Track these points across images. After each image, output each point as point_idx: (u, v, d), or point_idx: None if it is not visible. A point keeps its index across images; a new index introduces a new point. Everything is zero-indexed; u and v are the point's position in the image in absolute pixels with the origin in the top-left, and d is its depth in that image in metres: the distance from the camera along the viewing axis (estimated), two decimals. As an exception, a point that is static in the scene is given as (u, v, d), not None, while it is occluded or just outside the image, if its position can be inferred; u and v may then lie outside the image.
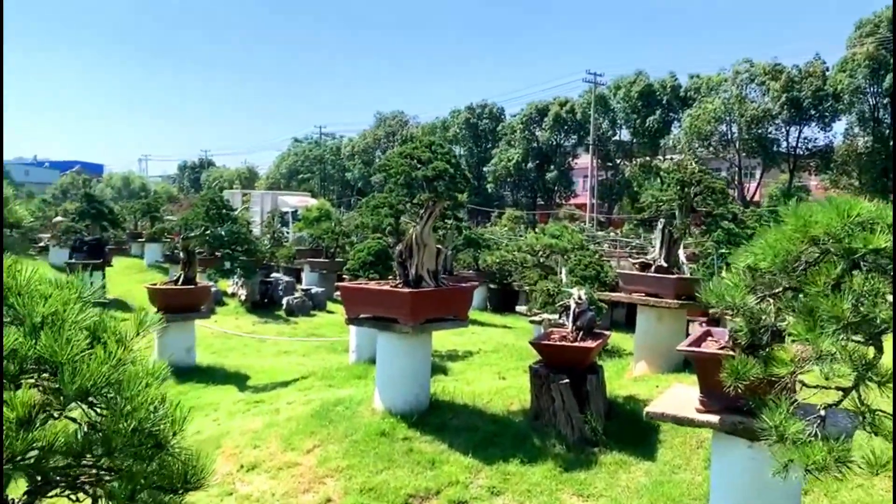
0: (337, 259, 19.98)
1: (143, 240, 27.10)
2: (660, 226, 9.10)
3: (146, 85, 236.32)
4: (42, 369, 1.92)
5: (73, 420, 2.04)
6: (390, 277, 8.10)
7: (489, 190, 57.19)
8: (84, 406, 2.02)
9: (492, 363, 11.41)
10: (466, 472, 6.05)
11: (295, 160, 72.28)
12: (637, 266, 9.42)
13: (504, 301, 19.93)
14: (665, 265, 9.06)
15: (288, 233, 28.14)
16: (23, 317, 1.92)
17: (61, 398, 1.86)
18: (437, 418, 6.99)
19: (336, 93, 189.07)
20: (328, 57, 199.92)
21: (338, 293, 9.14)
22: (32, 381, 1.94)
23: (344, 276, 11.10)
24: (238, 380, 10.72)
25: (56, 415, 1.90)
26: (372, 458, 6.36)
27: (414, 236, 6.88)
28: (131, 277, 21.62)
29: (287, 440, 7.00)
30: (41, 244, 25.62)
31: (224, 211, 11.29)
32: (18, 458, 1.73)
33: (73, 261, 17.14)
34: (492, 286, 20.25)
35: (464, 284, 9.00)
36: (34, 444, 1.76)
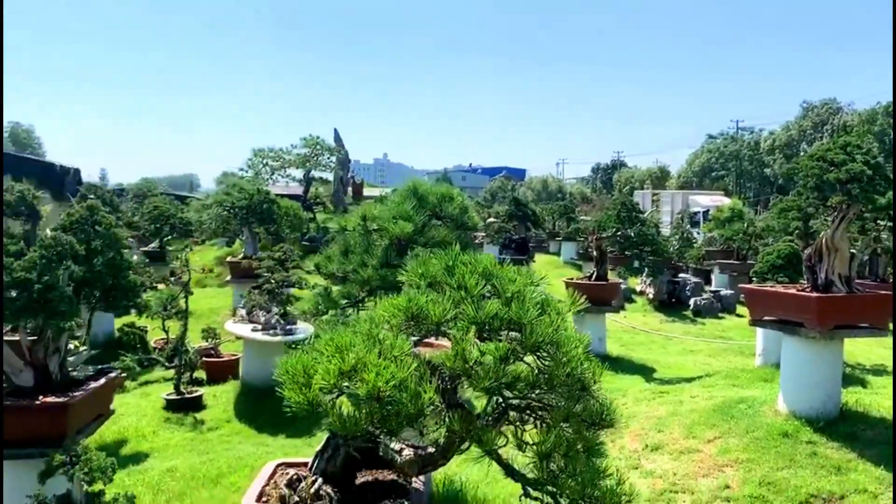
0: (748, 261, 19.39)
1: (560, 238, 29.67)
2: None
3: (561, 92, 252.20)
4: (510, 328, 2.90)
5: (529, 365, 2.99)
6: (800, 282, 7.98)
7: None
8: (534, 356, 2.95)
9: (927, 382, 10.14)
10: (877, 482, 5.83)
11: (708, 157, 70.29)
12: None
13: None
14: None
15: (698, 233, 27.94)
16: (500, 293, 2.93)
17: (522, 347, 2.80)
18: (847, 427, 6.76)
19: (755, 84, 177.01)
20: (747, 45, 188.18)
21: (743, 295, 9.23)
22: (504, 335, 2.94)
23: (752, 279, 11.01)
24: (644, 371, 11.46)
25: (520, 357, 2.85)
26: (772, 455, 6.49)
27: (824, 240, 6.76)
28: (550, 272, 23.98)
29: (689, 428, 7.49)
30: (477, 241, 29.95)
31: (634, 213, 12.12)
32: (501, 382, 2.71)
33: (502, 256, 19.92)
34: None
35: (881, 291, 8.31)
36: (508, 373, 2.72)
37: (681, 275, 20.88)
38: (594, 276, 12.28)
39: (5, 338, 5.07)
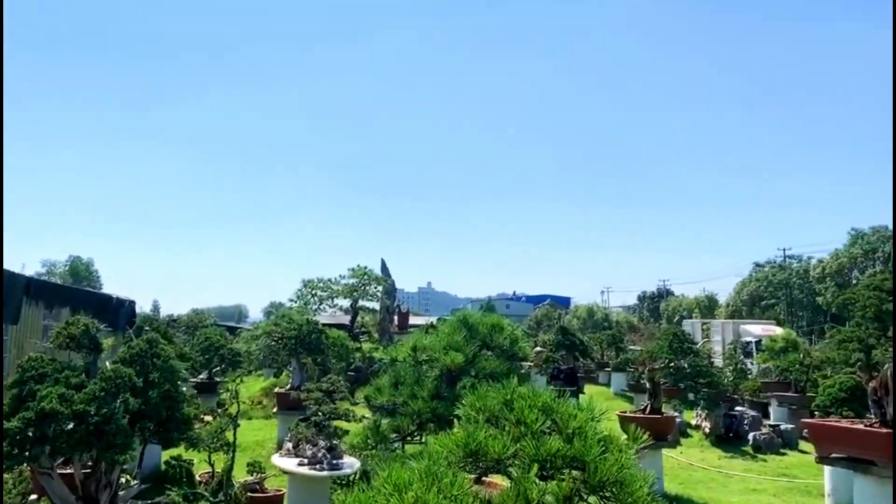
0: (807, 394, 18.61)
1: (610, 369, 29.03)
2: None
3: (604, 219, 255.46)
4: (572, 466, 2.83)
5: (592, 506, 2.88)
6: (867, 416, 7.62)
7: None
8: (598, 496, 2.85)
9: None
10: None
11: (757, 286, 69.32)
12: None
13: None
14: None
15: (752, 364, 27.09)
16: (561, 429, 2.88)
17: (586, 487, 2.72)
18: (936, 580, 6.21)
19: (801, 213, 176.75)
20: (789, 176, 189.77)
21: (806, 430, 8.80)
22: (566, 473, 2.86)
23: (815, 413, 10.54)
24: (706, 512, 10.82)
25: (583, 498, 2.76)
26: None
27: (889, 373, 6.52)
28: (601, 404, 23.15)
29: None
30: (522, 371, 29.46)
31: (686, 344, 11.89)
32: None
33: (551, 387, 19.49)
34: None
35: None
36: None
37: (737, 408, 20.06)
38: (648, 410, 11.91)
39: (59, 471, 5.10)
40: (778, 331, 29.53)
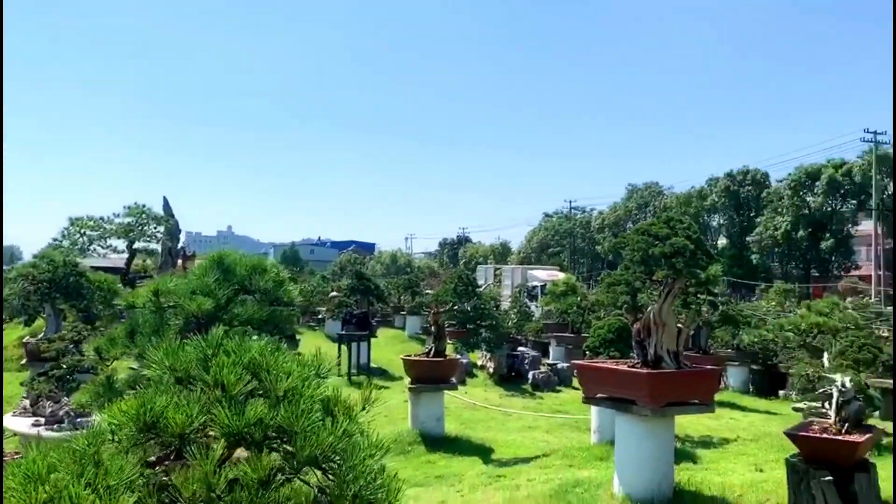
0: (583, 334, 19.86)
1: (405, 313, 29.27)
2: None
3: (410, 167, 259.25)
4: (282, 438, 2.23)
5: (308, 484, 2.32)
6: (630, 356, 7.89)
7: (754, 261, 53.22)
8: (318, 472, 2.29)
9: (749, 453, 10.41)
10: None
11: (545, 234, 73.82)
12: (925, 350, 8.12)
13: (769, 384, 18.22)
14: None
15: (536, 307, 28.60)
16: (269, 390, 2.27)
17: (294, 463, 2.14)
18: (681, 510, 6.56)
19: (587, 165, 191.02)
20: (580, 129, 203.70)
21: (576, 371, 9.09)
22: (276, 446, 2.26)
23: (585, 353, 11.00)
24: (483, 452, 10.98)
25: (290, 478, 2.18)
26: (609, 546, 6.13)
27: (652, 315, 6.69)
28: (394, 347, 23.35)
29: (525, 518, 7.02)
30: (319, 316, 28.81)
31: (471, 287, 11.90)
32: (258, 513, 2.02)
33: (344, 332, 19.05)
34: (754, 367, 18.65)
35: (708, 366, 8.46)
36: (270, 500, 2.04)
37: (520, 348, 20.98)
38: (432, 352, 11.81)
39: None
40: (561, 276, 31.41)
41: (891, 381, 8.89)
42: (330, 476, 2.28)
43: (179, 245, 26.91)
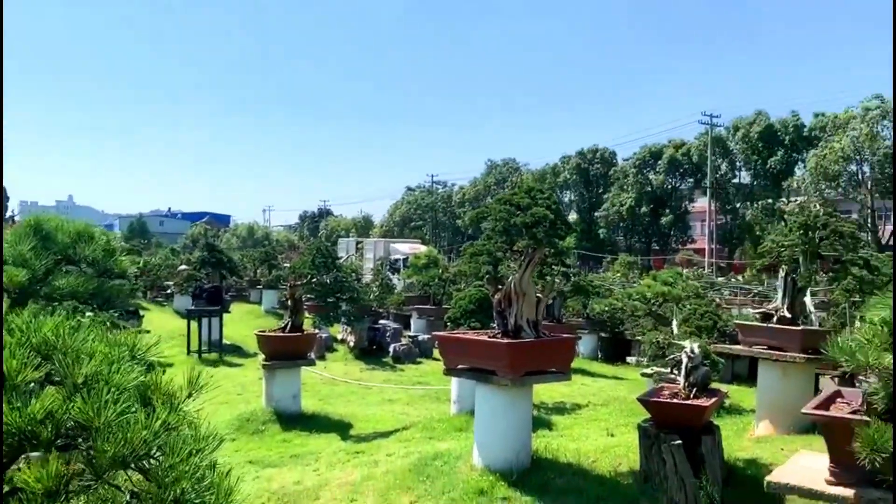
0: (444, 306, 19.97)
1: (261, 286, 28.21)
2: (782, 273, 8.39)
3: (269, 138, 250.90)
4: (83, 435, 1.82)
5: (119, 489, 1.92)
6: (491, 326, 7.85)
7: (601, 235, 56.10)
8: (129, 474, 1.89)
9: (601, 418, 10.82)
10: (568, 538, 5.62)
11: (408, 208, 73.96)
12: (758, 316, 8.70)
13: (616, 350, 19.18)
14: (789, 315, 8.31)
15: (398, 279, 28.52)
16: (64, 377, 1.84)
17: (92, 466, 1.73)
18: (539, 478, 6.60)
19: (448, 141, 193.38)
20: (441, 105, 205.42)
21: (437, 343, 8.99)
22: (75, 446, 1.84)
23: (447, 324, 10.94)
24: (341, 428, 10.69)
25: (93, 484, 1.78)
26: (469, 517, 6.05)
27: (512, 285, 6.62)
28: (249, 323, 22.42)
29: (384, 495, 6.82)
30: (167, 291, 27.17)
31: (330, 259, 11.48)
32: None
33: (193, 307, 17.98)
34: (603, 335, 19.56)
35: (565, 335, 8.61)
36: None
37: (381, 321, 20.80)
38: (288, 327, 11.31)
39: None
40: (423, 249, 31.47)
41: (729, 345, 9.49)
42: (150, 478, 1.90)
43: (8, 214, 24.29)
